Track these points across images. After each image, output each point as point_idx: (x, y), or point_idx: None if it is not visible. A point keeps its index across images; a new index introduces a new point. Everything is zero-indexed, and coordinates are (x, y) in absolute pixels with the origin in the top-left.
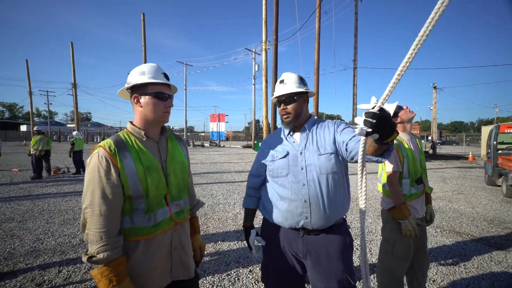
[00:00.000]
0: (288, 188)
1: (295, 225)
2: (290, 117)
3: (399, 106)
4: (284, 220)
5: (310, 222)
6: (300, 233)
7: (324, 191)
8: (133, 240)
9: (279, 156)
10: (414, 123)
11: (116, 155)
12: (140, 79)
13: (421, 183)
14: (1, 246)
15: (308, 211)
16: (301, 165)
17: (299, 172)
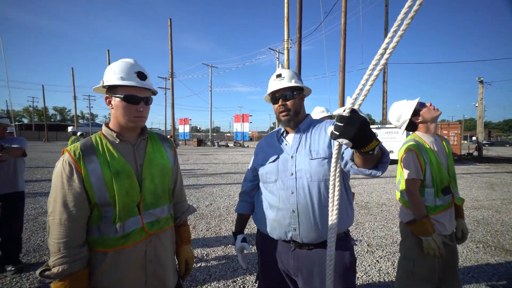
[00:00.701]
0: (276, 195)
1: (283, 236)
2: (290, 114)
3: (420, 103)
4: (272, 230)
5: (299, 234)
6: (291, 246)
7: (316, 201)
8: (100, 251)
9: (269, 160)
10: (454, 122)
11: (80, 160)
12: (109, 79)
13: (448, 193)
14: (33, 238)
15: (296, 222)
16: (291, 170)
17: (289, 178)
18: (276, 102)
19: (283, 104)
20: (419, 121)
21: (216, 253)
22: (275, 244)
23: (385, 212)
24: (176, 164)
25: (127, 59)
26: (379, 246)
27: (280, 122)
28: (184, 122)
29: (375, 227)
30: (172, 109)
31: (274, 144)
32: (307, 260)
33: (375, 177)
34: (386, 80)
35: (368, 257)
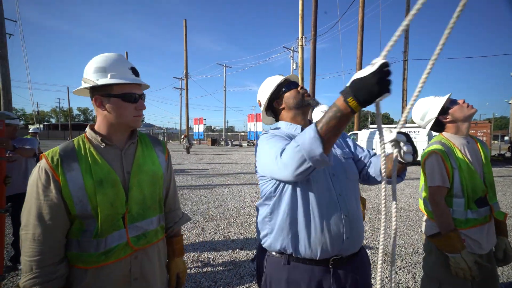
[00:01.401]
0: (322, 198)
1: (335, 252)
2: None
3: (451, 100)
4: (316, 247)
5: (350, 243)
6: (329, 267)
7: (357, 203)
8: (80, 267)
9: None
10: (483, 121)
11: (58, 167)
12: (101, 79)
13: (485, 205)
14: None
15: (350, 230)
16: (333, 170)
17: (331, 178)
18: (296, 87)
19: (304, 88)
20: (447, 120)
21: (223, 258)
22: (310, 272)
23: (405, 217)
24: (169, 169)
25: (113, 54)
26: (398, 256)
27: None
28: (198, 121)
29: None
30: (187, 109)
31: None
32: (347, 277)
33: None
34: (406, 77)
35: (385, 267)
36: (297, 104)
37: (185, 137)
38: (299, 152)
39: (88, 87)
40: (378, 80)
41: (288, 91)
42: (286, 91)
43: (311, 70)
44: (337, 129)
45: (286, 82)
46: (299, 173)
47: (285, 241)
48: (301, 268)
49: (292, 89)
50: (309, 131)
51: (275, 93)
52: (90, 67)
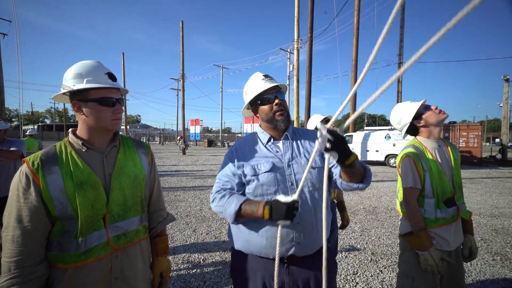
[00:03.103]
0: None
1: (284, 253)
2: (285, 115)
3: (425, 105)
4: (268, 248)
5: (301, 248)
6: (284, 263)
7: (317, 210)
8: (60, 267)
9: (263, 170)
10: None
11: (38, 171)
12: (77, 84)
13: (453, 205)
14: None
15: (300, 235)
16: (291, 179)
17: (289, 188)
18: (271, 102)
19: (281, 103)
20: (421, 125)
21: (213, 258)
22: (265, 265)
23: (394, 218)
24: (153, 171)
25: (90, 61)
26: (384, 255)
27: (273, 123)
28: (195, 122)
29: (382, 234)
30: (183, 110)
31: (262, 152)
32: (302, 273)
33: (362, 190)
34: (401, 80)
35: (371, 266)
36: (268, 120)
37: (181, 138)
38: (220, 210)
39: (67, 93)
40: (287, 210)
41: (262, 104)
42: (261, 104)
43: (307, 72)
44: (250, 218)
45: (264, 93)
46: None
47: (244, 244)
48: (259, 259)
49: (267, 105)
50: (232, 209)
51: (253, 100)
52: (67, 74)
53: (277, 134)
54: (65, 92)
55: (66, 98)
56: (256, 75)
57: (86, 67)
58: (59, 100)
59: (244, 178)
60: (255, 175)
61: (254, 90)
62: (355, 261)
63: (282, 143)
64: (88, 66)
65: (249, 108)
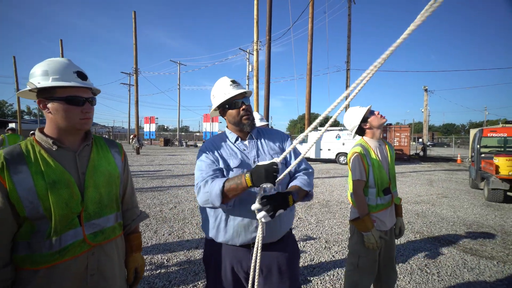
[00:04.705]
0: (240, 201)
1: (249, 240)
2: (251, 118)
3: (370, 111)
4: (235, 236)
5: (265, 236)
6: (251, 249)
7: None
8: (28, 269)
9: (233, 166)
10: (405, 126)
11: (3, 171)
12: (42, 82)
13: (388, 193)
14: None
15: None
16: None
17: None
18: (238, 106)
19: (247, 108)
20: (366, 127)
21: (177, 258)
22: (233, 252)
23: (344, 209)
24: (126, 170)
25: (59, 58)
26: (336, 242)
27: (239, 126)
28: (150, 120)
29: (334, 224)
30: (136, 107)
31: (231, 150)
32: (266, 259)
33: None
34: (348, 85)
35: (325, 252)
36: (235, 123)
37: (135, 137)
38: (206, 197)
39: (34, 90)
40: (267, 173)
41: (231, 109)
42: (229, 108)
43: (266, 74)
44: (235, 193)
45: (232, 99)
46: (206, 205)
47: (212, 232)
48: (228, 247)
49: (235, 109)
50: (216, 189)
51: (221, 104)
52: (34, 71)
53: (243, 134)
54: (32, 89)
55: (32, 95)
56: (224, 80)
57: (53, 65)
58: (25, 96)
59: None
60: (228, 169)
61: (223, 95)
62: (311, 249)
63: (248, 142)
64: (56, 64)
65: (217, 110)
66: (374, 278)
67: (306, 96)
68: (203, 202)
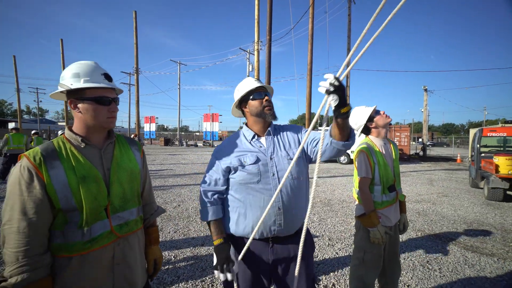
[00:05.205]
0: (260, 195)
1: (268, 233)
2: (273, 111)
3: (376, 110)
4: (255, 230)
5: (283, 229)
6: (269, 243)
7: (296, 196)
8: (64, 256)
9: (249, 162)
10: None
11: (41, 166)
12: (74, 83)
13: (393, 190)
14: None
15: (281, 218)
16: (272, 171)
17: (271, 178)
18: (261, 97)
19: (269, 100)
20: (372, 126)
21: (184, 254)
22: (252, 245)
23: (346, 208)
24: (145, 166)
25: (88, 61)
26: (339, 240)
27: (262, 116)
28: (150, 120)
29: (336, 222)
30: (137, 107)
31: (247, 147)
32: (284, 252)
33: (347, 148)
34: (349, 84)
35: (328, 250)
36: (257, 113)
37: (135, 137)
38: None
39: (64, 91)
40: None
41: (254, 100)
42: (253, 99)
43: (266, 74)
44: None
45: (257, 90)
46: None
47: (232, 227)
48: (246, 241)
49: (258, 99)
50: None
51: (245, 97)
52: (65, 73)
53: (261, 130)
54: (62, 91)
55: (62, 96)
56: (249, 78)
57: (83, 67)
58: (56, 97)
59: (230, 172)
60: (242, 166)
61: (248, 87)
62: (315, 247)
63: (265, 138)
64: (86, 67)
65: (238, 106)
66: (379, 272)
67: (307, 96)
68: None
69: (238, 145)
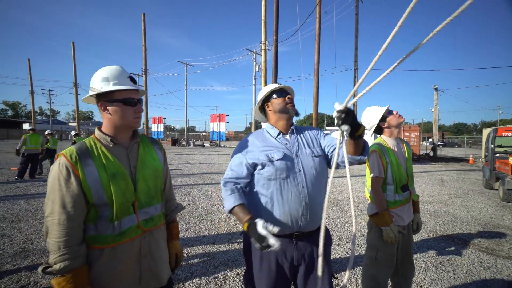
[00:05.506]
0: (288, 190)
1: (294, 228)
2: (295, 107)
3: (389, 110)
4: (283, 226)
5: (308, 223)
6: (293, 240)
7: (318, 193)
8: (97, 247)
9: (276, 157)
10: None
11: (77, 163)
12: (104, 87)
13: (406, 190)
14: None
15: (307, 212)
16: (298, 167)
17: (297, 174)
18: (284, 95)
19: (291, 98)
20: (385, 126)
21: (196, 252)
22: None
23: (355, 208)
24: (166, 165)
25: (114, 66)
26: (348, 239)
27: (285, 112)
28: (158, 120)
29: (345, 222)
30: (146, 107)
31: (273, 143)
32: (307, 248)
33: (362, 163)
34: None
35: (339, 249)
36: (280, 110)
37: None
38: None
39: (94, 95)
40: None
41: (277, 97)
42: (275, 97)
43: (273, 74)
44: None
45: (279, 90)
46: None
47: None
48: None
49: (281, 97)
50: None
51: (268, 97)
52: (95, 78)
53: (285, 128)
54: (92, 94)
55: (92, 100)
56: (271, 84)
57: (112, 72)
58: (87, 101)
59: (256, 167)
60: (270, 161)
61: (270, 87)
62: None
63: (290, 136)
64: (113, 71)
65: (260, 108)
66: (392, 271)
67: (314, 96)
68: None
69: (264, 141)
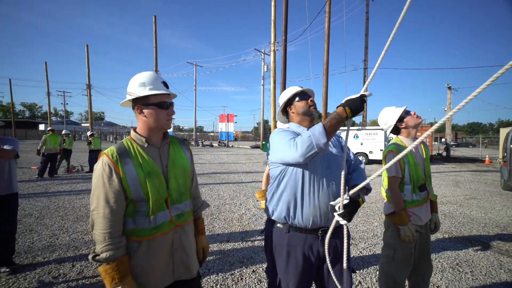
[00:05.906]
0: (317, 186)
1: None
2: (317, 109)
3: (406, 111)
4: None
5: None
6: (318, 236)
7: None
8: (135, 240)
9: None
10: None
11: (118, 162)
12: (142, 91)
13: (424, 190)
14: (21, 240)
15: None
16: (327, 164)
17: (326, 170)
18: (306, 98)
19: (313, 101)
20: (402, 127)
21: (211, 249)
22: (304, 237)
23: (366, 208)
24: (193, 164)
25: (149, 72)
26: (362, 239)
27: (308, 114)
28: None
29: (358, 222)
30: None
31: None
32: (332, 243)
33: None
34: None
35: (352, 249)
36: (304, 112)
37: None
38: (310, 140)
39: (130, 99)
40: (360, 101)
41: (300, 100)
42: (298, 100)
43: (282, 74)
44: (335, 127)
45: (301, 93)
46: (307, 156)
47: (286, 212)
48: (298, 235)
49: (303, 100)
50: (319, 126)
51: (290, 100)
52: (133, 83)
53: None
54: (129, 99)
55: (129, 103)
56: (293, 86)
57: (148, 78)
58: (124, 105)
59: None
60: None
61: (293, 90)
62: None
63: None
64: (149, 76)
65: (283, 110)
66: (409, 270)
67: (323, 95)
68: (304, 151)
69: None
